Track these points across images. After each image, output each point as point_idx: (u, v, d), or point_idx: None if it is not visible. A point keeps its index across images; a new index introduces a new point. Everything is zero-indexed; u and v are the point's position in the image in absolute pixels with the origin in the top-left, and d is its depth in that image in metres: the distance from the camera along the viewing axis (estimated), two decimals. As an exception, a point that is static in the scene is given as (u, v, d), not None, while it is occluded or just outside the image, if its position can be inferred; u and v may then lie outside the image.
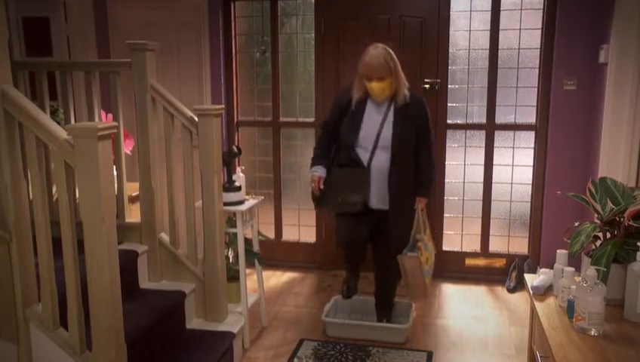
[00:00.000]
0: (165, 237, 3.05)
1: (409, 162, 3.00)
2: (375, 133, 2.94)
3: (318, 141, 3.23)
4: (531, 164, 4.03)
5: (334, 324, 3.27)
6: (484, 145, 4.06)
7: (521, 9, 3.89)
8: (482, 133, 4.06)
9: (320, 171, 3.06)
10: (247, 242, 3.28)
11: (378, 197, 3.00)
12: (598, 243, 2.09)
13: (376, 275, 3.30)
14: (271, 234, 4.43)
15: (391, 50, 2.93)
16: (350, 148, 2.97)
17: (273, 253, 4.35)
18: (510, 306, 3.72)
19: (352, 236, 3.06)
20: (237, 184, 3.15)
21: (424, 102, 3.05)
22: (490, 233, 4.17)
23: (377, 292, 3.31)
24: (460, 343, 3.22)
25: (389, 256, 3.05)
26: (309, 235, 4.45)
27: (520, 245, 4.17)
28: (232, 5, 4.27)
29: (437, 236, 4.14)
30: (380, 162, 2.95)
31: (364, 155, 2.95)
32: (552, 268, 2.18)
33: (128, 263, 2.84)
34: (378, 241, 3.16)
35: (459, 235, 4.24)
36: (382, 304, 3.30)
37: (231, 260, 3.33)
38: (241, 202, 3.14)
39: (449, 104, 4.06)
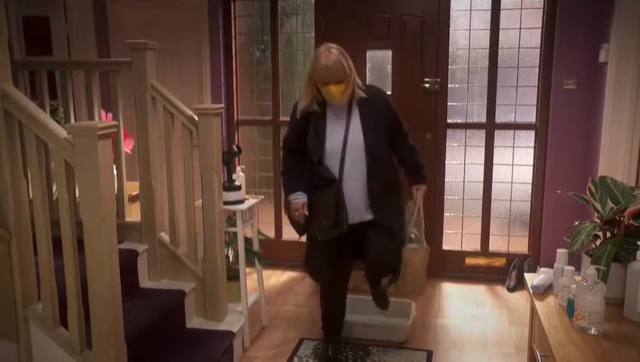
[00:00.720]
0: (165, 236, 3.05)
1: (385, 160, 2.79)
2: (342, 138, 2.69)
3: (283, 163, 2.90)
4: (531, 163, 4.02)
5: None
6: (484, 144, 4.06)
7: (521, 8, 3.88)
8: (482, 133, 4.06)
9: (302, 197, 2.75)
10: (247, 241, 3.28)
11: (361, 210, 2.75)
12: (598, 242, 2.09)
13: (370, 282, 3.19)
14: (271, 234, 4.43)
15: (343, 50, 2.70)
16: (318, 163, 2.71)
17: (273, 252, 4.35)
18: (510, 305, 3.72)
19: (339, 264, 2.89)
20: (237, 183, 3.15)
21: (383, 91, 2.83)
22: (490, 232, 4.17)
23: (372, 289, 3.25)
24: (459, 342, 3.22)
25: (383, 265, 2.87)
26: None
27: (520, 244, 4.17)
28: (232, 5, 4.27)
29: (437, 235, 4.14)
30: (355, 170, 2.70)
31: (334, 166, 2.69)
32: (552, 268, 2.17)
33: (128, 262, 2.84)
34: (367, 253, 2.92)
35: (459, 234, 4.24)
36: (378, 296, 3.13)
37: (231, 259, 3.33)
38: (241, 201, 3.14)
39: (449, 103, 4.06)
